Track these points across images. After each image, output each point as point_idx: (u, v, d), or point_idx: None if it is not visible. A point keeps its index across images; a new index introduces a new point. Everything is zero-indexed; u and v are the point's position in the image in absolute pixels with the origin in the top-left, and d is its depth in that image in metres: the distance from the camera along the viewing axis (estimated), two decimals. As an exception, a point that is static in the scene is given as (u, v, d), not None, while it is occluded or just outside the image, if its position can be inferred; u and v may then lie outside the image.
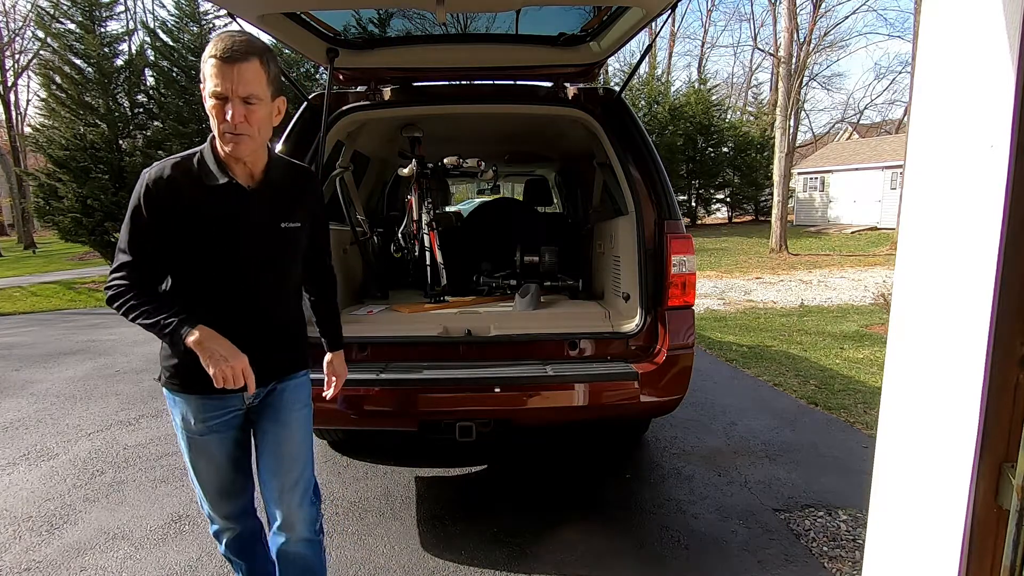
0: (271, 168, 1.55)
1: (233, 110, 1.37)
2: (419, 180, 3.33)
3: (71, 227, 11.65)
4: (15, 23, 28.09)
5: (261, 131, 1.44)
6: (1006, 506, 0.98)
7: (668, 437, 3.59)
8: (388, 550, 2.45)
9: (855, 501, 2.76)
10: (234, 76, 1.36)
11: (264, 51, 1.41)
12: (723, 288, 10.20)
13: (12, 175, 24.59)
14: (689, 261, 2.54)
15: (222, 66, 1.36)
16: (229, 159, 1.48)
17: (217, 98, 1.38)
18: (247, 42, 1.39)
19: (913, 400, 1.12)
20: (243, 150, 1.43)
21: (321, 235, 1.76)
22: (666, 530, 2.56)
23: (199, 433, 1.62)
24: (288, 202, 1.59)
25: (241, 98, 1.37)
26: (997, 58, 0.91)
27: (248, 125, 1.40)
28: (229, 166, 1.49)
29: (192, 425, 1.61)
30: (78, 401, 4.59)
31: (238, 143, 1.41)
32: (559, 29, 2.72)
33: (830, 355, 5.50)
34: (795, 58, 16.72)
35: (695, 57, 51.50)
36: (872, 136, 29.21)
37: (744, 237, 18.79)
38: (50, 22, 13.26)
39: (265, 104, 1.43)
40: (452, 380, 2.41)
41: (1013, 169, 0.90)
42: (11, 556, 2.47)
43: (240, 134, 1.40)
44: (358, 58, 2.81)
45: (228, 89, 1.36)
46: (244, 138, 1.41)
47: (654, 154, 2.70)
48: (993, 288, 0.93)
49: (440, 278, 3.38)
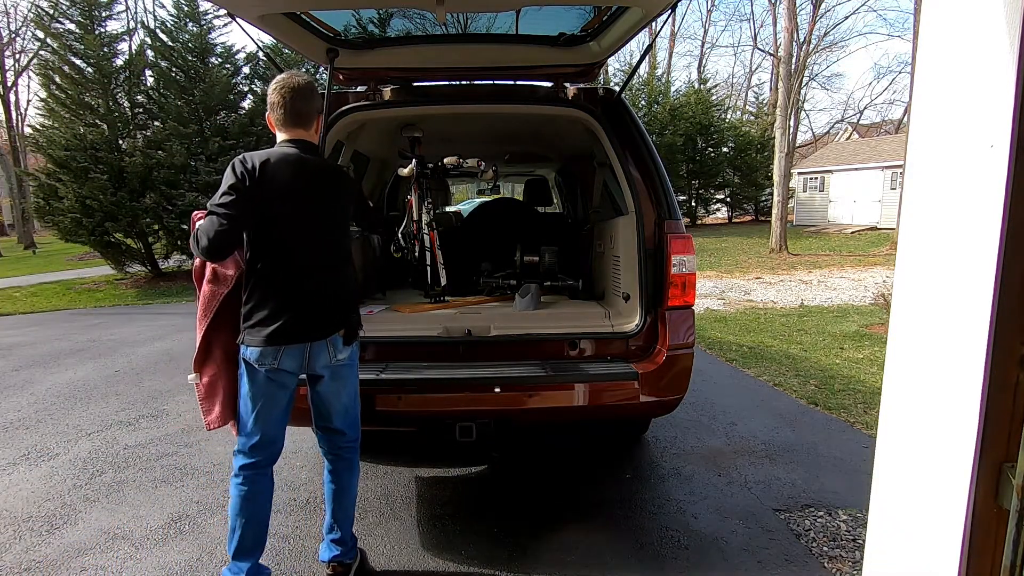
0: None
1: None
2: (419, 180, 3.32)
3: (71, 227, 11.63)
4: (15, 23, 28.15)
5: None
6: (1006, 506, 0.98)
7: (668, 437, 3.59)
8: (388, 550, 2.45)
9: (855, 501, 2.76)
10: None
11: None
12: (723, 288, 10.20)
13: (12, 175, 24.59)
14: (689, 261, 2.54)
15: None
16: None
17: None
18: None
19: (913, 400, 1.12)
20: None
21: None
22: (666, 530, 2.56)
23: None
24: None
25: None
26: (997, 58, 0.91)
27: None
28: None
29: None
30: (78, 401, 4.59)
31: None
32: (559, 29, 2.71)
33: (830, 355, 5.50)
34: (795, 58, 16.73)
35: (695, 57, 51.59)
36: (872, 136, 29.21)
37: (744, 237, 18.79)
38: (49, 22, 13.24)
39: None
40: (452, 380, 2.41)
41: (1013, 169, 0.90)
42: (11, 556, 2.47)
43: None
44: (358, 58, 2.81)
45: None
46: None
47: (654, 154, 2.70)
48: (993, 288, 0.93)
49: (440, 278, 3.38)
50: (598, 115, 2.76)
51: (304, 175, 1.95)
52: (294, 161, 1.95)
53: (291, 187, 1.92)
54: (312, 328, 1.97)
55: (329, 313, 2.01)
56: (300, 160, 1.96)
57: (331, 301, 2.02)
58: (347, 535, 2.21)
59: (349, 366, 2.12)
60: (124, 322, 8.40)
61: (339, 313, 2.04)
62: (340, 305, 2.05)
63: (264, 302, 1.90)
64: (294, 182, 1.92)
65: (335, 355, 2.04)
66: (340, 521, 2.19)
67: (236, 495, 1.98)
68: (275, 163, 1.90)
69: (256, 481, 2.01)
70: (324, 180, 2.01)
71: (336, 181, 2.05)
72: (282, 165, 1.91)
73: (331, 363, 2.03)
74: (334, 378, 2.08)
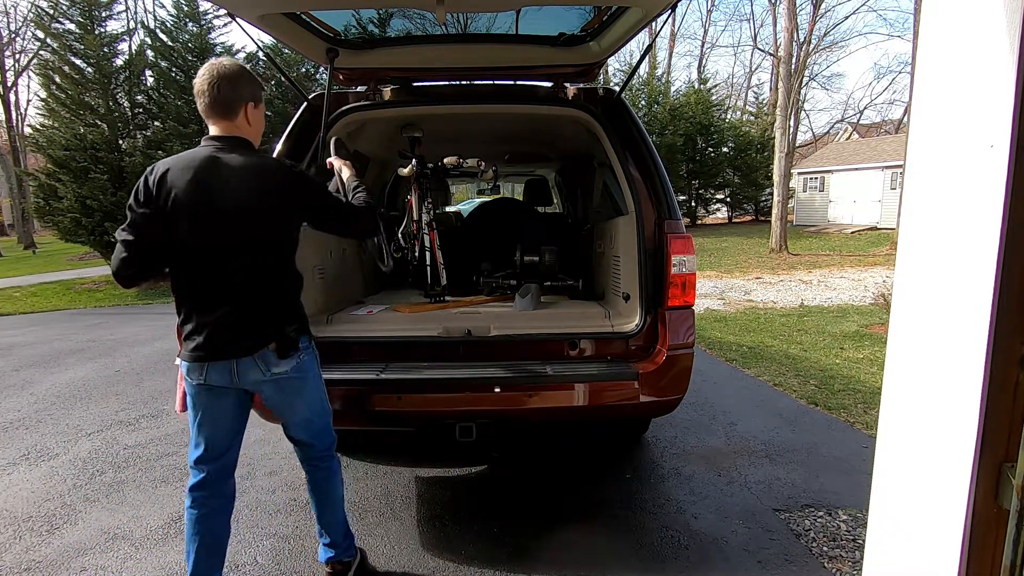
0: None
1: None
2: (419, 180, 3.32)
3: (71, 227, 11.63)
4: (15, 23, 28.14)
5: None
6: (1006, 506, 0.98)
7: (668, 437, 3.59)
8: (388, 550, 2.45)
9: (855, 501, 2.75)
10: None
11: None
12: (723, 288, 10.20)
13: (12, 175, 24.59)
14: (689, 261, 2.53)
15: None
16: None
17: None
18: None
19: (913, 400, 1.12)
20: None
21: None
22: (666, 530, 2.56)
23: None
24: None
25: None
26: (997, 58, 0.91)
27: None
28: None
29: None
30: (78, 401, 4.59)
31: None
32: (559, 29, 2.71)
33: (830, 355, 5.50)
34: (795, 58, 16.73)
35: (695, 57, 51.58)
36: (872, 136, 29.20)
37: (744, 237, 18.79)
38: (49, 22, 13.25)
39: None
40: (452, 380, 2.41)
41: (1013, 169, 0.90)
42: (11, 556, 2.47)
43: None
44: (358, 58, 2.81)
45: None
46: None
47: (654, 154, 2.70)
48: (993, 288, 0.93)
49: (440, 278, 3.38)
50: (598, 115, 2.76)
51: (214, 179, 1.74)
52: (203, 164, 1.75)
53: (194, 197, 1.72)
54: (231, 346, 1.81)
55: (250, 329, 1.82)
56: (211, 162, 1.75)
57: (252, 316, 1.82)
58: (338, 538, 2.16)
59: (298, 378, 1.93)
60: (124, 322, 8.41)
61: (266, 327, 1.84)
62: (267, 319, 1.84)
63: (187, 318, 1.82)
64: (196, 192, 1.72)
65: (268, 370, 1.85)
66: (328, 525, 2.15)
67: (186, 516, 1.91)
68: (178, 170, 1.73)
69: (205, 503, 1.91)
70: (242, 181, 1.76)
71: (263, 179, 1.80)
72: (186, 171, 1.73)
73: (267, 378, 1.86)
74: (280, 391, 1.92)
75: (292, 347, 1.87)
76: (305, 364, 1.94)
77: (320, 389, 2.04)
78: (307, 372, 1.96)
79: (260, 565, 2.37)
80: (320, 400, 2.05)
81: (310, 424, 2.03)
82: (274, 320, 1.86)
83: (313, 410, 2.02)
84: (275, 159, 2.04)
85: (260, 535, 2.59)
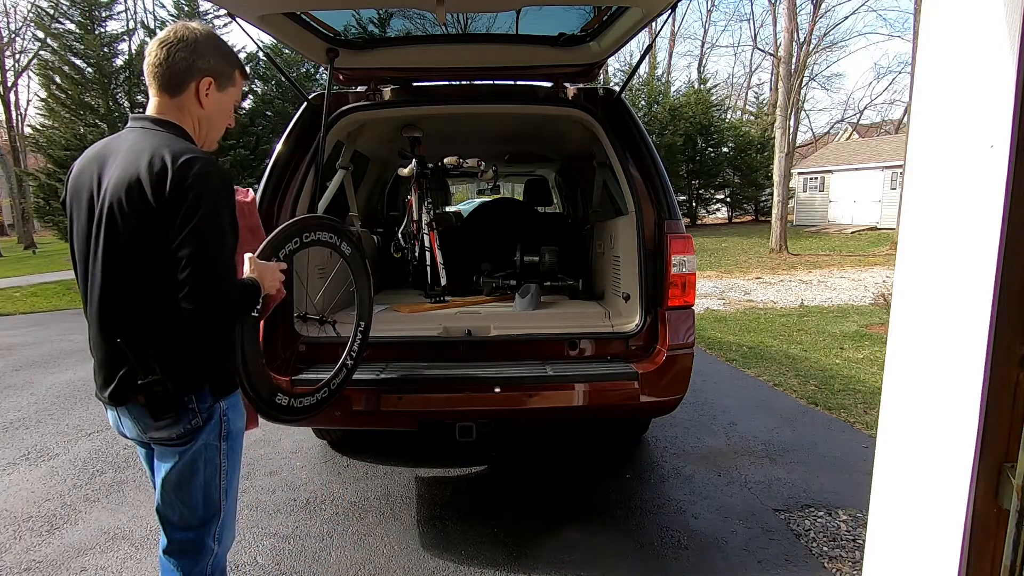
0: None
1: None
2: (419, 180, 3.33)
3: (71, 227, 11.65)
4: (15, 23, 28.15)
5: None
6: (1006, 506, 0.98)
7: (668, 437, 3.59)
8: (388, 550, 2.45)
9: (855, 501, 2.76)
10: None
11: None
12: (723, 288, 10.20)
13: (12, 175, 24.58)
14: (689, 261, 2.54)
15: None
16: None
17: (235, 106, 1.57)
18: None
19: (913, 400, 1.12)
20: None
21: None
22: (666, 530, 2.56)
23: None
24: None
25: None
26: (997, 58, 0.91)
27: None
28: None
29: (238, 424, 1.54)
30: (78, 401, 4.58)
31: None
32: (559, 29, 2.71)
33: (830, 355, 5.50)
34: (795, 58, 16.73)
35: (695, 57, 51.50)
36: (872, 136, 29.21)
37: (744, 237, 18.79)
38: (49, 22, 13.27)
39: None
40: (452, 380, 2.41)
41: (1013, 169, 0.90)
42: (11, 556, 2.47)
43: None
44: (358, 58, 2.81)
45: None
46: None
47: (654, 154, 2.70)
48: (993, 288, 0.93)
49: (440, 278, 3.38)
50: (598, 115, 2.76)
51: (103, 173, 1.33)
52: (102, 153, 1.37)
53: (77, 193, 1.37)
54: (101, 388, 1.43)
55: (112, 371, 1.38)
56: (112, 150, 1.36)
57: (114, 354, 1.36)
58: None
59: (180, 451, 1.41)
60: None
61: (131, 372, 1.35)
62: (133, 360, 1.34)
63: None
64: (81, 190, 1.36)
65: (145, 430, 1.41)
66: None
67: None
68: (84, 162, 1.40)
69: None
70: (124, 174, 1.29)
71: (150, 175, 1.27)
72: (92, 162, 1.37)
73: (143, 438, 1.45)
74: (159, 455, 1.46)
75: (165, 407, 1.37)
76: (199, 437, 1.41)
77: (210, 481, 1.45)
78: (196, 450, 1.41)
79: (260, 565, 2.37)
80: (204, 497, 1.45)
81: (169, 505, 1.46)
82: (143, 363, 1.34)
83: (183, 494, 1.44)
84: (194, 156, 1.30)
85: (260, 535, 2.59)
